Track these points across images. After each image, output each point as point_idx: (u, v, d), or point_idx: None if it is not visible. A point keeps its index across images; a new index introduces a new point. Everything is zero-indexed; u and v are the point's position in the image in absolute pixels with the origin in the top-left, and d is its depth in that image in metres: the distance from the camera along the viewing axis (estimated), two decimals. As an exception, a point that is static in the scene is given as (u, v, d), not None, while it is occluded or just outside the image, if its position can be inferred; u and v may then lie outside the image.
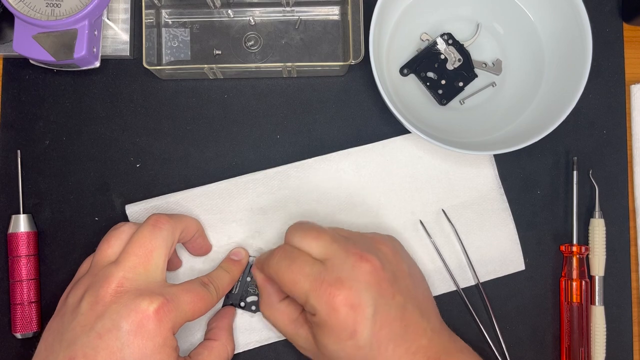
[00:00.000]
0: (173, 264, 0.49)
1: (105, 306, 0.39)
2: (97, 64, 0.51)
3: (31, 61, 0.50)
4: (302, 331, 0.44)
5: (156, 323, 0.39)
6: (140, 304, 0.39)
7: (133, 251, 0.41)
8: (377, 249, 0.43)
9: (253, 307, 0.49)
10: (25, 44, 0.47)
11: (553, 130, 0.47)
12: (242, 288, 0.49)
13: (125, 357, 0.38)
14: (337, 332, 0.39)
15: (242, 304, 0.49)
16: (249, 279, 0.49)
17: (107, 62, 0.53)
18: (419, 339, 0.41)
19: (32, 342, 0.50)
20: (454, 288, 0.51)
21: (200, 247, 0.49)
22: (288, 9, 0.53)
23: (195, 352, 0.45)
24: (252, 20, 0.53)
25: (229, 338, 0.47)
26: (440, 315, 0.45)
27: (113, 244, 0.42)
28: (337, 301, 0.39)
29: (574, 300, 0.50)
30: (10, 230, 0.50)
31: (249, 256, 0.50)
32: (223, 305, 0.49)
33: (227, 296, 0.49)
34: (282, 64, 0.50)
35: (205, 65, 0.49)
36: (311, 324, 0.42)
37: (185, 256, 0.50)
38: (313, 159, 0.51)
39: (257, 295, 0.49)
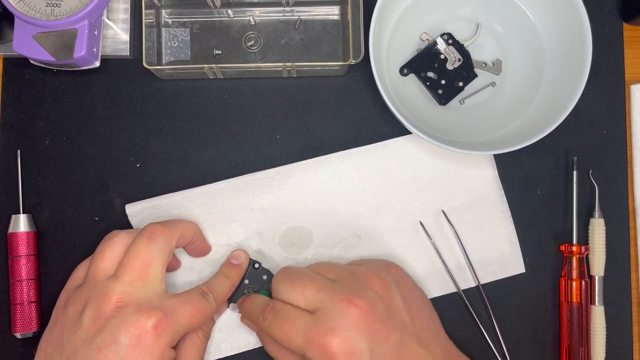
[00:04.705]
0: (172, 265, 0.49)
1: (105, 320, 0.39)
2: (97, 64, 0.51)
3: (31, 61, 0.50)
4: None
5: (154, 338, 0.39)
6: (139, 318, 0.39)
7: (130, 265, 0.41)
8: (368, 288, 0.42)
9: None
10: (25, 44, 0.47)
11: (553, 130, 0.47)
12: (238, 290, 0.49)
13: None
14: None
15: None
16: (247, 281, 0.49)
17: (107, 62, 0.53)
18: None
19: (32, 342, 0.50)
20: (454, 289, 0.51)
21: (199, 249, 0.49)
22: (288, 9, 0.53)
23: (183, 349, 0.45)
24: (252, 20, 0.53)
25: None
26: (447, 338, 0.45)
27: (107, 256, 0.42)
28: (332, 351, 0.39)
29: (574, 300, 0.50)
30: (10, 230, 0.50)
31: (249, 258, 0.50)
32: None
33: None
34: (282, 64, 0.50)
35: (205, 65, 0.49)
36: None
37: (184, 257, 0.50)
38: (313, 159, 0.51)
39: None
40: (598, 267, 0.51)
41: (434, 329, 0.45)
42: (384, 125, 0.53)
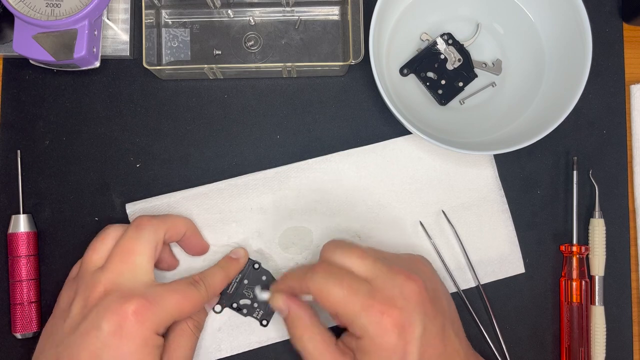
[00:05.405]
0: (169, 264, 0.49)
1: (90, 309, 0.40)
2: (97, 64, 0.51)
3: (31, 61, 0.50)
4: None
5: (135, 324, 0.39)
6: (121, 305, 0.40)
7: (117, 255, 0.42)
8: (418, 269, 0.43)
9: (244, 311, 0.49)
10: (25, 44, 0.47)
11: (553, 130, 0.47)
12: (237, 290, 0.49)
13: (104, 357, 0.39)
14: (386, 354, 0.39)
15: (235, 305, 0.49)
16: (246, 281, 0.49)
17: (107, 62, 0.53)
18: (455, 359, 0.42)
19: (32, 342, 0.50)
20: (454, 289, 0.51)
21: (195, 246, 0.49)
22: (288, 9, 0.53)
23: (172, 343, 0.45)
24: (252, 20, 0.53)
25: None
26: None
27: (98, 249, 0.43)
28: (388, 322, 0.39)
29: (574, 300, 0.50)
30: (10, 230, 0.50)
31: (249, 257, 0.50)
32: (216, 304, 0.49)
33: (221, 296, 0.49)
34: (282, 64, 0.50)
35: (205, 65, 0.49)
36: (355, 351, 0.41)
37: (184, 256, 0.50)
38: (313, 159, 0.51)
39: (251, 299, 0.49)
40: (598, 267, 0.51)
41: (460, 322, 0.46)
42: (384, 125, 0.53)
